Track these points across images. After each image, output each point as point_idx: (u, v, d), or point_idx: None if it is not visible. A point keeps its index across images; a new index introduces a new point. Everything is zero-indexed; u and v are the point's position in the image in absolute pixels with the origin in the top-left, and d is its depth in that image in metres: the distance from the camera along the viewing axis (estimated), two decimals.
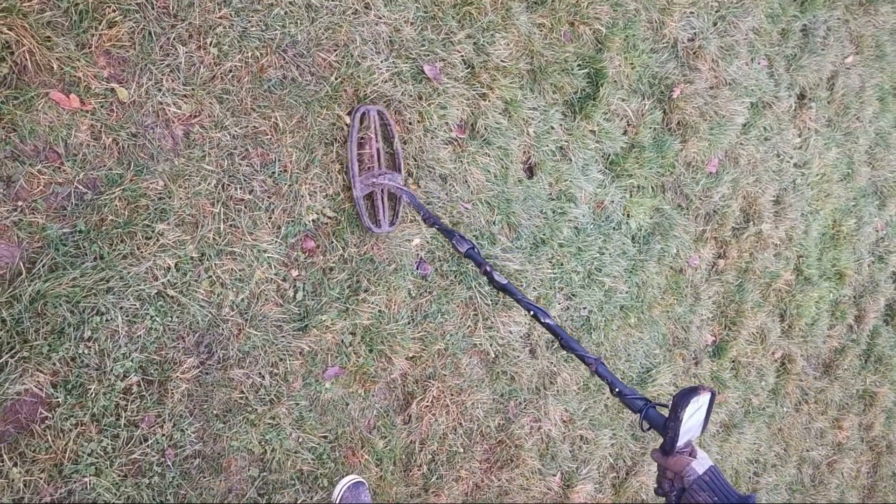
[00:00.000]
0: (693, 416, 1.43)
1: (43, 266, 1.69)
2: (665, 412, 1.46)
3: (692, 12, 3.11)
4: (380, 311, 2.29)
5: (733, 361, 3.63)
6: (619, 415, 3.03)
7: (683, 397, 1.39)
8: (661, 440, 1.45)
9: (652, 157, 3.00)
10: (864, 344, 4.45)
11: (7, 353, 1.63)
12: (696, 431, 1.48)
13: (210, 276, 1.95)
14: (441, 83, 2.37)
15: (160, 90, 1.85)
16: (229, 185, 1.98)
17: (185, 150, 1.91)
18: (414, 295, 2.39)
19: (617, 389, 1.60)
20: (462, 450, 2.53)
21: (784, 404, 3.95)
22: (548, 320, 1.81)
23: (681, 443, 1.41)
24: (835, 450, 4.35)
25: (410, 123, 2.32)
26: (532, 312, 1.83)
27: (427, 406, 2.44)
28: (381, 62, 2.23)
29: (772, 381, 3.86)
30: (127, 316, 1.81)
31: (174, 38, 1.87)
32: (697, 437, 1.52)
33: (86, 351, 1.75)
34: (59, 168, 1.72)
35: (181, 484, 1.92)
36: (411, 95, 2.31)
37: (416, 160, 2.35)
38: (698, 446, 1.53)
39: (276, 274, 2.08)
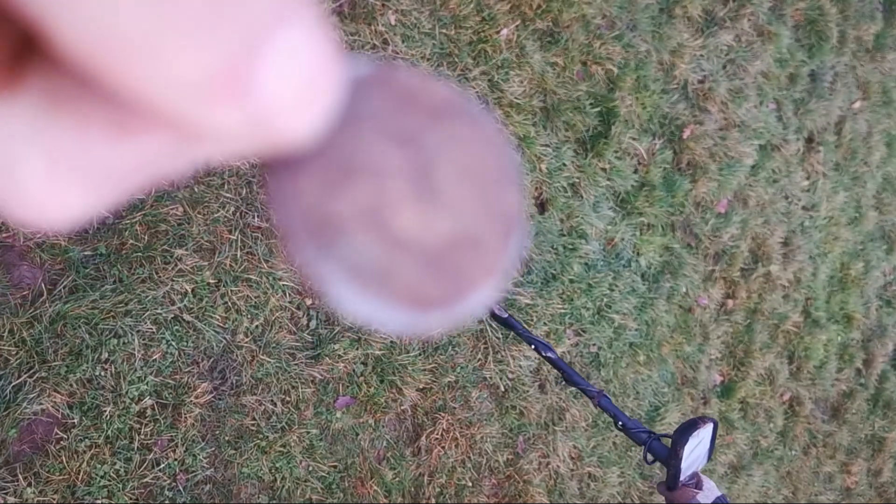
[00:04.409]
0: (696, 449, 1.43)
1: (64, 288, 1.71)
2: (668, 443, 1.47)
3: (702, 55, 3.17)
4: (391, 341, 2.31)
5: (742, 402, 3.62)
6: (628, 453, 3.02)
7: (682, 434, 1.39)
8: (666, 472, 1.45)
9: (662, 196, 3.04)
10: (873, 388, 4.43)
11: (26, 373, 1.65)
12: (702, 462, 1.49)
13: (225, 302, 1.97)
14: None
15: None
16: (247, 212, 2.01)
17: (205, 177, 1.94)
18: None
19: (621, 423, 1.61)
20: (470, 484, 2.53)
21: (793, 447, 3.93)
22: (550, 353, 1.81)
23: (684, 476, 1.41)
24: (843, 495, 4.30)
25: None
26: (534, 346, 1.83)
27: (437, 438, 2.44)
28: None
29: (780, 423, 3.84)
30: (143, 339, 1.83)
31: None
32: (703, 466, 1.52)
33: (102, 373, 1.76)
34: None
35: None
36: None
37: None
38: (706, 476, 1.53)
39: (290, 302, 2.10)
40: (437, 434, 2.44)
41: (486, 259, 0.18)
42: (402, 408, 2.37)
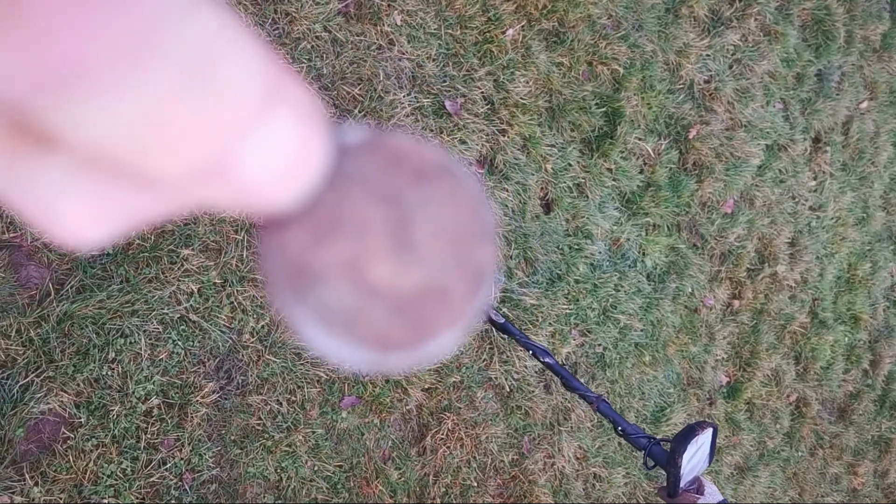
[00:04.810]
0: (695, 454, 1.43)
1: (71, 288, 1.72)
2: (668, 447, 1.46)
3: (708, 55, 3.16)
4: None
5: (748, 403, 3.61)
6: (633, 453, 3.01)
7: (681, 442, 1.38)
8: (667, 479, 1.44)
9: (668, 196, 3.03)
10: (880, 389, 4.41)
11: (33, 373, 1.66)
12: (703, 466, 1.48)
13: (232, 302, 1.98)
14: (461, 119, 2.41)
15: None
16: (252, 212, 2.01)
17: None
18: None
19: (620, 428, 1.60)
20: (476, 484, 2.53)
21: (799, 448, 3.92)
22: (547, 359, 1.80)
23: (685, 482, 1.41)
24: (850, 496, 4.29)
25: None
26: (531, 351, 1.82)
27: (442, 438, 2.44)
28: (404, 97, 2.28)
29: (787, 424, 3.83)
30: (150, 339, 1.83)
31: None
32: (705, 470, 1.52)
33: (109, 373, 1.77)
34: None
35: None
36: (432, 130, 2.35)
37: None
38: (709, 479, 1.52)
39: None
40: (443, 434, 2.44)
41: (451, 309, 0.20)
42: (408, 408, 2.37)
